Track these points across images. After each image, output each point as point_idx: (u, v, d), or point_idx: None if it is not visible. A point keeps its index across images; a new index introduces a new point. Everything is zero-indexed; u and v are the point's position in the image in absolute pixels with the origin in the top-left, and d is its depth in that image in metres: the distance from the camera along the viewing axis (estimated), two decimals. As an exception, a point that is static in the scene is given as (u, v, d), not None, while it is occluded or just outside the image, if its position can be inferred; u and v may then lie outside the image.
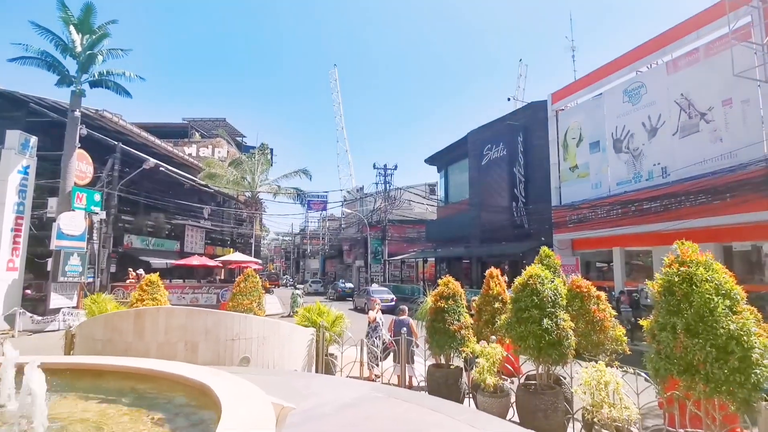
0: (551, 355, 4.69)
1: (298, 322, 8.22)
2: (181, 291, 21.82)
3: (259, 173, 36.32)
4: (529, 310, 4.77)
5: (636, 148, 16.53)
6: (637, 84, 16.59)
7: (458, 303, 6.26)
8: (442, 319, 6.07)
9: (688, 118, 14.79)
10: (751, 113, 12.99)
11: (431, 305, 6.38)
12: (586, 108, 19.15)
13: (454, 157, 29.96)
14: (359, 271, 42.33)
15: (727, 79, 13.51)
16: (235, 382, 3.17)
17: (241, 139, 48.17)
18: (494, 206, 23.58)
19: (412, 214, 39.55)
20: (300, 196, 35.67)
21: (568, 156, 19.91)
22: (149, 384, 3.73)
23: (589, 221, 17.99)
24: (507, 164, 23.09)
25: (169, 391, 3.56)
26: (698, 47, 14.60)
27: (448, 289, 6.32)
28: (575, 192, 19.14)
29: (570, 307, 5.44)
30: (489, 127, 25.20)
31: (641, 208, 15.70)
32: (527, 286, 4.93)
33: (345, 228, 50.33)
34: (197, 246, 31.80)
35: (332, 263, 57.05)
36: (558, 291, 4.93)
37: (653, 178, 15.80)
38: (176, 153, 32.74)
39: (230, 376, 3.36)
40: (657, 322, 3.59)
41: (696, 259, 3.62)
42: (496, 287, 6.75)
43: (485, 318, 6.59)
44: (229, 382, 3.15)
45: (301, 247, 70.15)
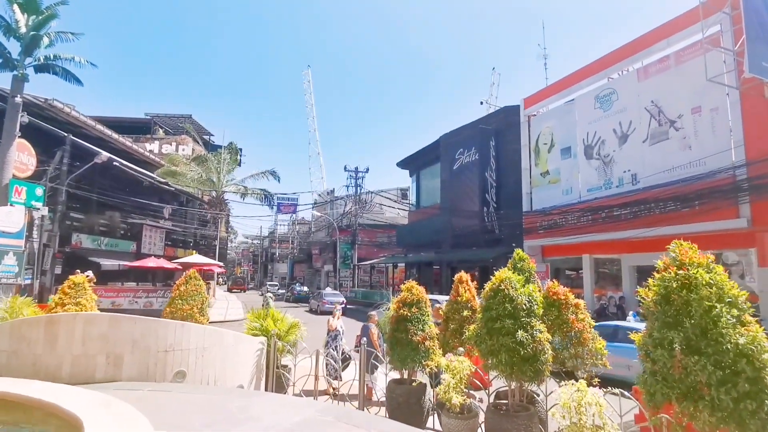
0: (526, 372, 4.09)
1: (247, 331, 7.38)
2: (134, 294, 20.40)
3: (226, 172, 35.04)
4: (502, 320, 4.17)
5: (607, 154, 16.44)
6: (609, 90, 16.55)
7: (423, 311, 5.60)
8: (405, 328, 5.40)
9: (658, 126, 14.77)
10: (720, 121, 13.01)
11: (393, 313, 5.72)
12: (557, 113, 19.05)
13: (426, 161, 29.56)
14: (328, 276, 41.32)
15: (696, 87, 13.54)
16: (118, 415, 2.38)
17: (209, 138, 46.48)
18: (465, 211, 23.23)
19: (383, 218, 38.95)
20: (268, 197, 34.53)
21: (539, 161, 19.74)
22: (19, 414, 2.89)
23: (559, 227, 17.80)
24: (479, 169, 22.81)
25: (41, 424, 2.74)
26: (669, 55, 14.62)
27: (412, 296, 5.66)
28: (546, 198, 18.96)
29: (546, 316, 4.89)
30: (461, 131, 24.91)
31: (611, 215, 15.57)
32: (499, 293, 4.33)
33: (315, 232, 49.21)
34: (156, 247, 30.11)
35: (301, 268, 55.72)
36: (533, 298, 4.36)
37: (623, 184, 15.71)
38: (136, 149, 31.04)
39: (119, 406, 2.58)
40: (651, 336, 3.02)
41: (696, 261, 3.08)
42: (465, 293, 6.14)
43: (453, 327, 5.96)
44: (111, 416, 2.37)
45: (269, 250, 68.41)
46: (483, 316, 4.41)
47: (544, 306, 4.87)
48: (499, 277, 4.47)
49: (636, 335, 3.28)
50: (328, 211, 41.68)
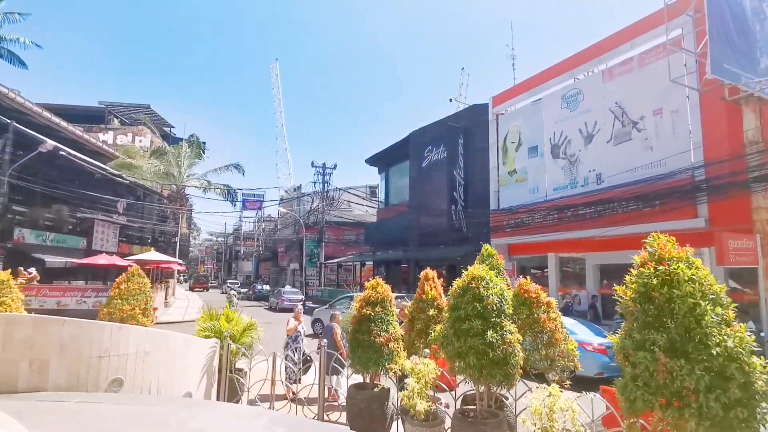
0: (495, 376, 3.80)
1: (198, 333, 6.80)
2: (82, 294, 19.10)
3: (187, 166, 33.60)
4: (470, 320, 3.86)
5: (573, 154, 16.61)
6: (575, 91, 16.72)
7: (387, 310, 5.24)
8: (367, 329, 5.02)
9: (621, 126, 15.01)
10: (680, 123, 13.31)
11: (355, 313, 5.32)
12: (525, 112, 19.15)
13: (395, 158, 29.29)
14: (294, 275, 40.43)
15: (658, 90, 13.83)
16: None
17: (169, 130, 44.56)
18: (433, 209, 23.09)
19: (351, 216, 38.43)
20: (231, 193, 33.37)
21: (507, 160, 19.81)
22: None
23: (525, 226, 17.89)
24: (447, 167, 22.71)
25: None
26: (632, 57, 14.88)
27: (377, 294, 5.28)
28: (513, 196, 19.03)
29: (516, 315, 4.63)
30: (430, 128, 24.76)
31: (576, 214, 15.73)
32: (468, 291, 4.02)
33: (281, 229, 48.09)
34: (109, 243, 28.44)
35: (266, 266, 54.39)
36: (504, 297, 4.07)
37: (588, 184, 15.91)
38: (87, 139, 29.26)
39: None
40: (631, 338, 2.76)
41: (676, 255, 2.84)
42: (431, 291, 5.82)
43: (418, 327, 5.63)
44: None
45: (234, 248, 66.53)
46: (450, 316, 4.08)
47: (515, 305, 4.61)
48: (470, 274, 4.16)
49: (613, 336, 3.02)
50: (294, 208, 40.75)
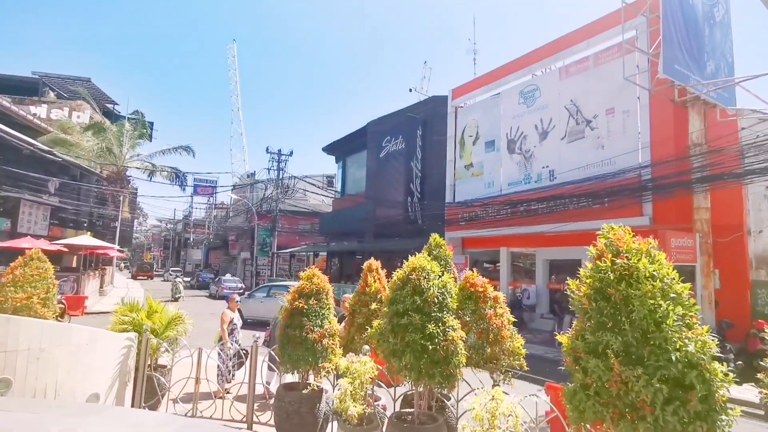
0: (435, 376, 3.42)
1: (113, 327, 6.02)
2: (1, 280, 17.26)
3: (130, 146, 31.42)
4: (409, 315, 3.46)
5: (528, 149, 16.70)
6: (533, 87, 16.79)
7: (323, 303, 4.74)
8: (299, 324, 4.50)
9: (575, 124, 15.19)
10: (630, 123, 13.59)
11: (286, 306, 4.79)
12: (484, 106, 19.10)
13: (353, 148, 28.66)
14: (245, 264, 39.02)
15: (611, 89, 14.06)
16: None
17: (113, 107, 41.53)
18: (390, 200, 22.74)
19: (307, 205, 37.46)
20: (179, 177, 31.56)
21: (464, 153, 19.72)
22: None
23: (479, 220, 17.89)
24: (404, 158, 22.39)
25: None
26: (588, 56, 15.05)
27: (312, 285, 4.76)
28: (469, 190, 18.99)
29: (462, 311, 4.29)
30: (389, 118, 24.32)
31: (529, 209, 15.84)
32: (408, 283, 3.62)
33: (233, 216, 46.29)
34: (38, 226, 26.08)
35: (217, 254, 52.32)
36: (448, 290, 3.70)
37: (541, 180, 16.05)
38: (16, 111, 26.66)
39: None
40: (583, 339, 2.43)
41: (636, 247, 2.54)
42: (374, 283, 5.37)
43: (359, 322, 5.17)
44: None
45: (183, 235, 63.59)
46: (388, 311, 3.66)
47: (460, 299, 4.26)
48: (411, 265, 3.76)
49: (563, 337, 2.69)
50: (247, 195, 39.23)
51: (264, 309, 16.68)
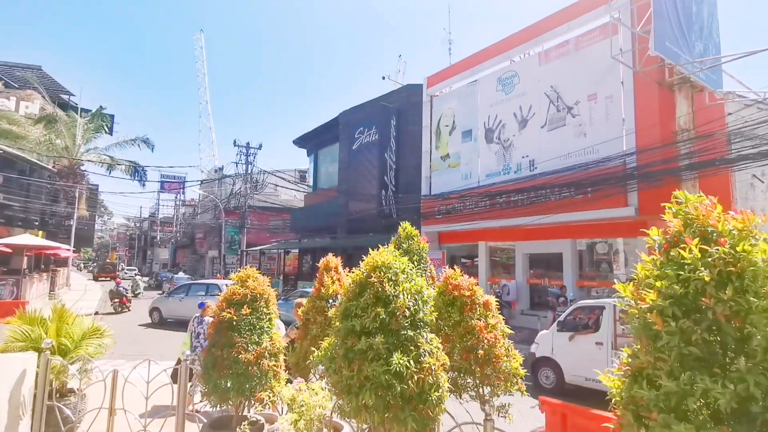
0: (406, 421, 2.40)
1: (5, 345, 4.78)
2: (-74, 285, 15.41)
3: (85, 140, 29.28)
4: (368, 335, 2.44)
5: (507, 139, 15.93)
6: (511, 73, 16.01)
7: (261, 313, 3.65)
8: (228, 341, 3.41)
9: (556, 111, 14.48)
10: (614, 109, 12.93)
11: (214, 316, 3.68)
12: (460, 94, 18.23)
13: (324, 140, 27.44)
14: (213, 263, 37.26)
15: (593, 74, 13.39)
16: None
17: (68, 98, 38.82)
18: (363, 194, 21.68)
19: (278, 201, 35.99)
20: (138, 171, 29.63)
21: (440, 144, 18.84)
22: None
23: (456, 213, 17.04)
24: (378, 149, 21.36)
25: None
26: (569, 40, 14.34)
27: (244, 290, 3.66)
28: (445, 182, 18.12)
29: (441, 321, 3.29)
30: (362, 108, 23.23)
31: (508, 201, 15.08)
32: (367, 288, 2.62)
33: (201, 213, 44.27)
34: (-20, 225, 23.86)
35: (184, 253, 50.10)
36: (423, 296, 2.69)
37: (521, 170, 15.31)
38: (-47, 100, 24.33)
39: None
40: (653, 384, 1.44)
41: (737, 226, 1.55)
42: (332, 285, 4.32)
43: (314, 333, 4.13)
44: None
45: (149, 234, 60.93)
46: (340, 328, 2.61)
47: (439, 306, 3.26)
48: (371, 263, 2.76)
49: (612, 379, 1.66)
50: (215, 191, 37.43)
51: (183, 308, 15.88)
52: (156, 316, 16.63)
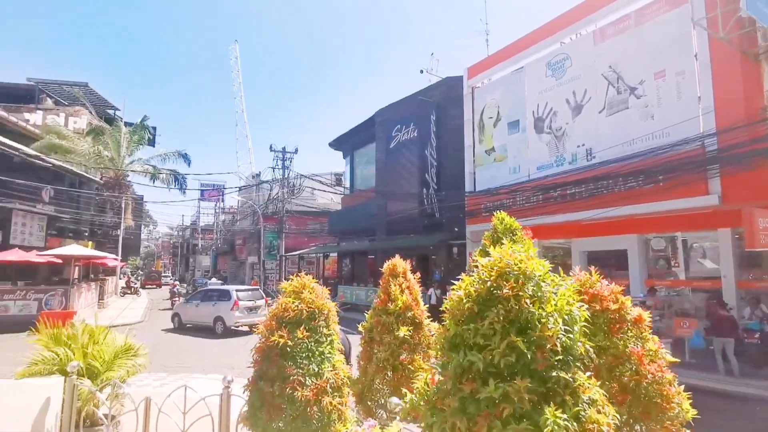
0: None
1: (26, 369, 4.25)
2: (-18, 297, 15.81)
3: (129, 151, 30.01)
4: (499, 378, 1.57)
5: (559, 127, 14.69)
6: (562, 56, 14.76)
7: (321, 335, 2.86)
8: (282, 374, 2.63)
9: (616, 94, 13.16)
10: (687, 86, 11.52)
11: (261, 340, 2.90)
12: (505, 83, 17.10)
13: (360, 141, 26.85)
14: (253, 268, 37.44)
15: (660, 49, 12.02)
16: None
17: (114, 112, 40.25)
18: (403, 194, 20.85)
19: (315, 204, 35.74)
20: (178, 179, 30.07)
21: (484, 137, 17.75)
22: None
23: (505, 209, 15.85)
24: (418, 147, 20.48)
25: None
26: (629, 14, 12.99)
27: (300, 305, 2.85)
28: (491, 178, 17.02)
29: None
30: (399, 105, 22.44)
31: (564, 194, 13.84)
32: (492, 305, 1.75)
33: (240, 220, 44.78)
34: (33, 237, 24.64)
35: (225, 260, 50.92)
36: (573, 317, 1.77)
37: (577, 161, 14.04)
38: (9, 118, 25.38)
39: None
40: None
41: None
42: (402, 296, 3.47)
43: (380, 356, 3.31)
44: None
45: (191, 242, 62.56)
46: (447, 364, 1.76)
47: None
48: (495, 266, 1.86)
49: None
50: (253, 197, 37.64)
51: (198, 314, 16.25)
52: (176, 322, 16.93)
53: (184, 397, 3.75)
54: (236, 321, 15.01)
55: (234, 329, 15.18)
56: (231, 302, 15.06)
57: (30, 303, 16.06)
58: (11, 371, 4.29)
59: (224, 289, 17.07)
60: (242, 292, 15.96)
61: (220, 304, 15.41)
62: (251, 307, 15.41)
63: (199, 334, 15.36)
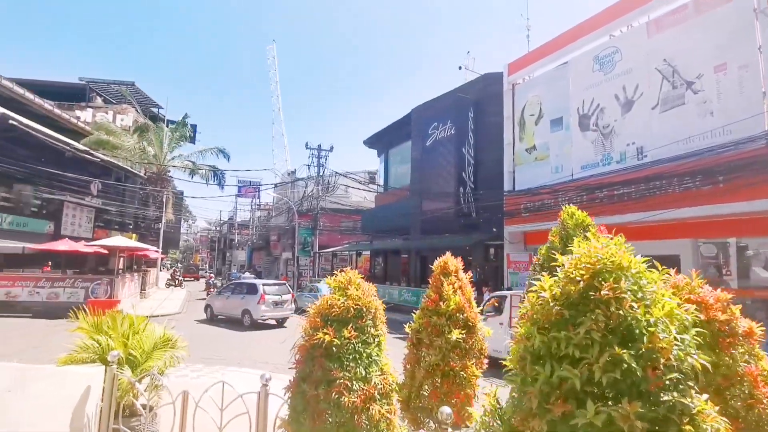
0: None
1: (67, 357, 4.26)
2: (35, 284, 16.63)
3: (170, 148, 31.00)
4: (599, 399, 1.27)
5: (606, 124, 13.97)
6: (611, 49, 14.02)
7: (368, 335, 2.63)
8: (327, 376, 2.41)
9: (671, 88, 12.36)
10: (750, 80, 10.66)
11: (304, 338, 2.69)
12: (547, 79, 16.45)
13: (395, 138, 26.63)
14: (287, 264, 37.94)
15: (721, 41, 11.18)
16: None
17: (157, 111, 41.77)
18: (439, 193, 20.48)
19: (348, 202, 35.85)
20: (217, 175, 30.80)
21: (524, 135, 17.16)
22: None
23: (547, 210, 15.28)
24: (455, 145, 20.05)
25: None
26: (686, 3, 12.17)
27: (347, 302, 2.66)
28: (532, 177, 16.42)
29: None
30: (436, 102, 22.06)
31: (611, 195, 13.15)
32: (588, 309, 1.45)
33: (275, 216, 45.50)
34: (82, 229, 25.91)
35: (260, 255, 51.90)
36: (684, 324, 1.49)
37: (626, 159, 13.31)
38: (59, 114, 26.68)
39: None
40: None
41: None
42: (454, 296, 3.21)
43: (429, 361, 3.05)
44: None
45: (228, 236, 64.19)
46: (528, 378, 1.48)
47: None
48: (588, 261, 1.60)
49: None
50: (288, 194, 38.15)
51: (228, 306, 16.59)
52: (209, 312, 17.32)
53: (221, 393, 3.64)
54: (262, 314, 15.21)
55: (261, 322, 15.41)
56: (258, 296, 15.30)
57: (78, 291, 16.75)
58: (57, 356, 4.31)
59: (252, 282, 17.37)
60: (269, 286, 16.18)
61: (248, 298, 15.71)
62: (277, 301, 15.60)
63: (229, 325, 15.66)
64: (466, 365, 2.99)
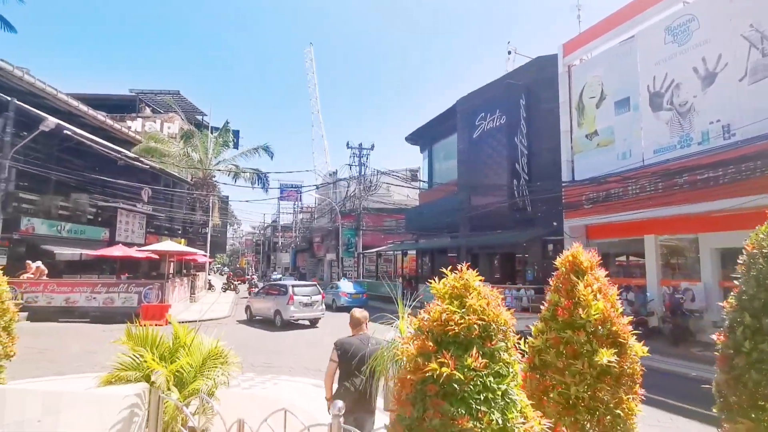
0: None
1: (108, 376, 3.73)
2: (92, 289, 16.98)
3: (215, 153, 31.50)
4: None
5: (684, 102, 12.48)
6: (686, 17, 12.52)
7: (501, 362, 1.76)
8: (445, 426, 1.58)
9: (761, 57, 10.81)
10: None
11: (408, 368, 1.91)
12: (610, 57, 15.04)
13: (439, 133, 25.67)
14: (331, 266, 37.79)
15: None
16: None
17: (201, 118, 42.90)
18: (489, 186, 19.38)
19: (390, 201, 35.18)
20: (261, 177, 30.97)
21: (584, 120, 15.80)
22: None
23: (613, 201, 13.92)
24: (505, 135, 18.90)
25: None
26: (781, -44, 10.58)
27: (467, 317, 1.79)
28: (593, 165, 15.06)
29: None
30: (483, 91, 20.96)
31: (693, 181, 11.68)
32: None
33: (317, 218, 45.61)
34: (135, 235, 26.71)
35: (303, 257, 52.29)
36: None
37: (709, 140, 11.80)
38: (111, 125, 27.57)
39: None
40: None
41: None
42: (597, 301, 2.32)
43: (570, 392, 2.21)
44: None
45: (272, 239, 65.31)
46: None
47: None
48: None
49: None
50: (330, 194, 37.99)
51: (264, 307, 16.99)
52: (248, 313, 17.83)
53: (284, 424, 2.96)
54: (291, 315, 15.51)
55: (293, 322, 15.69)
56: (287, 297, 15.62)
57: (132, 296, 16.96)
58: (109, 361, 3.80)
59: (283, 284, 17.82)
60: (299, 287, 16.46)
61: (279, 299, 16.07)
62: (307, 302, 15.82)
63: (264, 326, 16.02)
64: (621, 399, 2.16)
